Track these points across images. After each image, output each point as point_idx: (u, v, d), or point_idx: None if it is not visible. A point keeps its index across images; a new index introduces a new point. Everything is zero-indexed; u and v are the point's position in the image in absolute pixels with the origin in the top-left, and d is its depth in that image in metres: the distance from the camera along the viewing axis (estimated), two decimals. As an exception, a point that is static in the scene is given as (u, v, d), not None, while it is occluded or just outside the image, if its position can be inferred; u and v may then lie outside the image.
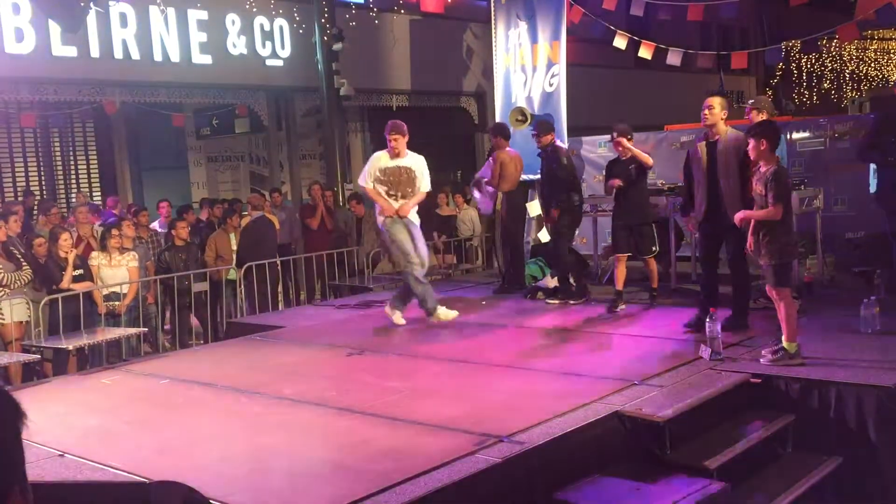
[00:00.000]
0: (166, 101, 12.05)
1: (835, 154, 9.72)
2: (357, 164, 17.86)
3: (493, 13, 11.66)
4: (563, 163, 8.55)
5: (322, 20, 11.96)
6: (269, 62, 12.45)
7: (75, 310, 7.99)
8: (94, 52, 10.61)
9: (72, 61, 10.47)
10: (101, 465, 4.44)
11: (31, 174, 15.10)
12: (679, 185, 8.29)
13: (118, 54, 10.82)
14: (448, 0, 13.86)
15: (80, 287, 8.28)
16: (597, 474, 4.47)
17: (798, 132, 10.14)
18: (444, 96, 15.35)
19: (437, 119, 16.57)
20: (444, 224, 12.70)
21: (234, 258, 10.23)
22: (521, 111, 10.97)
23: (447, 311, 7.86)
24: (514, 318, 8.25)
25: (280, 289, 10.52)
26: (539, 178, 9.37)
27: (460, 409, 5.08)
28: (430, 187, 7.93)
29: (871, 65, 25.19)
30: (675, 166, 8.43)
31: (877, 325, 6.29)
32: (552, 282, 9.29)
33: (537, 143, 8.84)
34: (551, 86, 10.86)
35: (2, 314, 7.82)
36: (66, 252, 8.40)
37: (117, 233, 8.87)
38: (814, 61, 24.19)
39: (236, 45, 12.01)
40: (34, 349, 7.76)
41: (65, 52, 10.35)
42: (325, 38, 11.94)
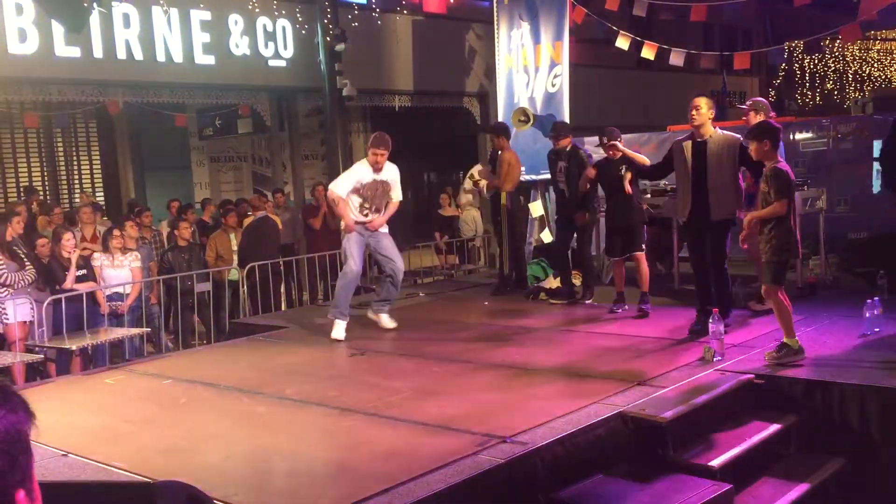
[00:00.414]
0: (169, 102, 12.05)
1: (838, 154, 9.71)
2: (359, 165, 17.89)
3: (495, 14, 11.66)
4: (585, 164, 8.47)
5: (325, 21, 11.96)
6: (271, 63, 12.46)
7: (78, 310, 7.99)
8: (98, 52, 10.62)
9: (75, 62, 10.48)
10: (105, 465, 4.44)
11: (34, 174, 15.13)
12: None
13: (121, 55, 10.83)
14: (450, 0, 13.86)
15: (84, 287, 8.29)
16: (600, 475, 4.47)
17: (801, 133, 10.14)
18: (447, 97, 15.33)
19: (440, 120, 16.58)
20: (446, 224, 12.70)
21: (233, 258, 10.24)
22: (523, 112, 10.97)
23: (340, 329, 7.53)
24: (515, 318, 8.24)
25: (283, 289, 10.52)
26: (546, 178, 9.31)
27: (463, 409, 5.08)
28: (401, 197, 7.83)
29: (874, 65, 25.14)
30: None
31: (880, 326, 6.29)
32: (554, 282, 9.28)
33: (555, 145, 8.79)
34: (554, 86, 10.85)
35: (6, 314, 7.83)
36: (69, 252, 8.41)
37: (119, 233, 8.88)
38: (817, 62, 24.15)
39: (239, 45, 12.01)
40: (38, 349, 7.77)
41: (68, 52, 10.36)
42: (328, 38, 11.94)
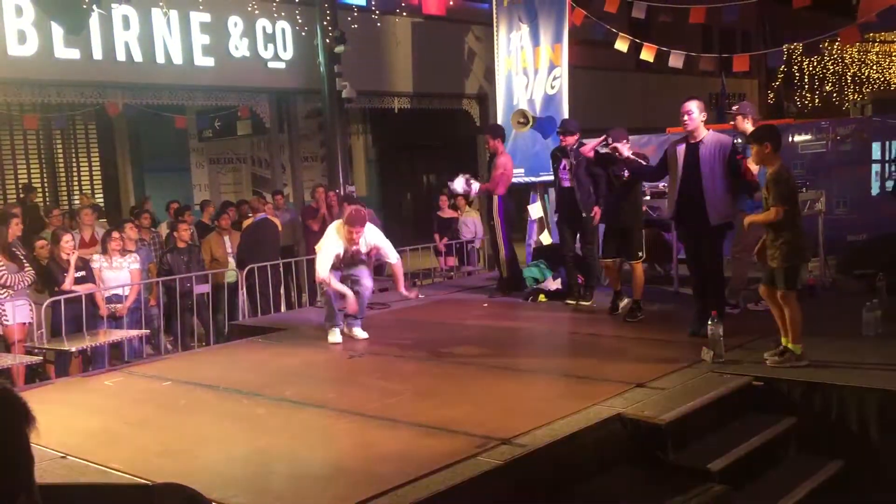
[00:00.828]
0: (169, 104, 12.05)
1: (837, 157, 9.72)
2: (359, 167, 17.92)
3: (495, 16, 11.67)
4: (594, 162, 8.43)
5: (324, 23, 11.96)
6: (271, 64, 12.46)
7: (77, 312, 7.99)
8: (97, 54, 10.62)
9: (74, 63, 10.48)
10: (104, 467, 4.44)
11: (33, 176, 15.14)
12: None
13: (121, 56, 10.83)
14: (450, 2, 13.87)
15: (83, 289, 8.29)
16: (599, 477, 4.47)
17: (800, 135, 10.15)
18: (446, 99, 15.35)
19: (439, 121, 16.59)
20: (445, 226, 12.69)
21: (228, 259, 10.23)
22: (522, 114, 10.98)
23: (336, 334, 7.55)
24: (514, 320, 8.24)
25: (282, 290, 10.51)
26: (545, 180, 9.29)
27: (462, 411, 5.08)
28: (398, 255, 7.70)
29: (873, 67, 25.21)
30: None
31: (879, 328, 6.29)
32: (553, 284, 9.29)
33: (561, 142, 8.67)
34: (553, 88, 10.85)
35: (5, 315, 7.83)
36: (68, 254, 8.40)
37: (118, 235, 8.88)
38: (815, 64, 24.20)
39: (238, 47, 12.02)
40: (37, 351, 7.77)
41: (67, 54, 10.36)
42: (327, 40, 11.94)
